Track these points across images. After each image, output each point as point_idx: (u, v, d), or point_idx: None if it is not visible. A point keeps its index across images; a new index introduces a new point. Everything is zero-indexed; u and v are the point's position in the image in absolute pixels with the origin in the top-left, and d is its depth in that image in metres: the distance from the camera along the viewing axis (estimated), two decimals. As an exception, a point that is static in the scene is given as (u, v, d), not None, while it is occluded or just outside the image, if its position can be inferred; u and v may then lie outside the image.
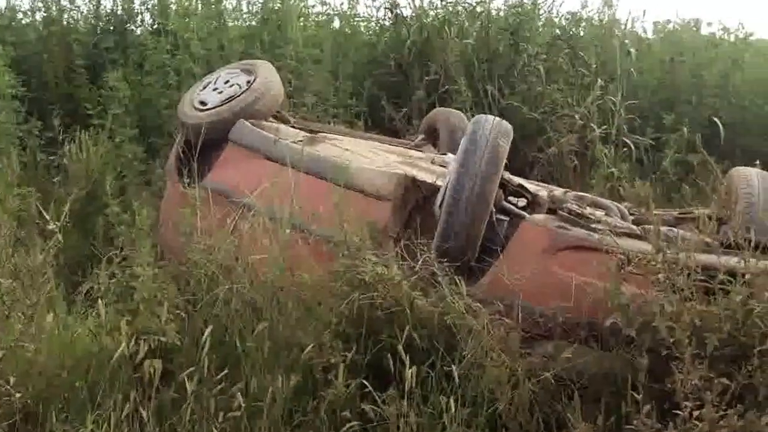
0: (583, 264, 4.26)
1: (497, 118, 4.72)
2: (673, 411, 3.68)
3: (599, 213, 4.99)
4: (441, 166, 5.95)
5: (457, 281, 4.26)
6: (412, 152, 6.44)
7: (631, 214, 5.27)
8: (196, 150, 5.41)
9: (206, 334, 4.11)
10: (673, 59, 9.25)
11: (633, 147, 8.23)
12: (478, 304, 4.20)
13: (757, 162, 7.77)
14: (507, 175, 4.81)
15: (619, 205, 5.31)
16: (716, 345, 3.70)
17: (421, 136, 7.02)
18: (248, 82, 6.21)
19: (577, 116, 8.27)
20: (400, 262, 4.40)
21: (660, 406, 3.75)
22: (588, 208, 5.00)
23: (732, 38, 9.81)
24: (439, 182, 5.00)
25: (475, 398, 4.06)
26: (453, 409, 3.91)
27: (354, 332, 4.29)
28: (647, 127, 8.54)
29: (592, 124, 8.27)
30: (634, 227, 4.74)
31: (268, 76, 6.29)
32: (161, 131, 7.77)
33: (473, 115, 7.93)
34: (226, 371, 4.11)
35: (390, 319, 4.27)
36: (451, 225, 4.50)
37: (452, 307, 4.20)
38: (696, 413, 3.45)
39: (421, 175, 5.17)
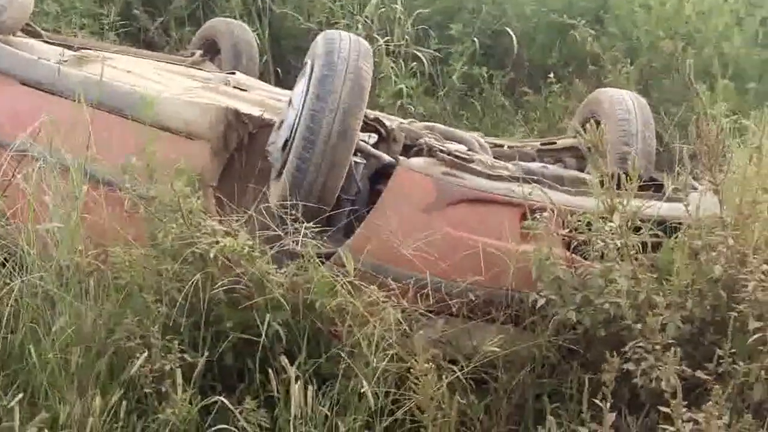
0: (482, 222, 3.42)
1: (354, 35, 3.74)
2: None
3: (462, 148, 4.13)
4: (239, 89, 4.89)
5: (341, 253, 3.27)
6: (200, 73, 5.28)
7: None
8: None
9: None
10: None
11: (424, 60, 7.40)
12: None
13: (551, 75, 7.33)
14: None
15: (475, 135, 4.47)
16: (678, 326, 2.97)
17: (198, 52, 5.88)
18: (-15, -13, 4.89)
19: (360, 26, 7.33)
20: (246, 226, 3.35)
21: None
22: (447, 143, 4.13)
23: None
24: (268, 115, 3.95)
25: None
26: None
27: (190, 324, 3.22)
28: (432, 39, 7.74)
29: (375, 35, 7.36)
30: (510, 166, 3.94)
31: (12, -20, 4.95)
32: None
33: (244, 25, 7.00)
34: (19, 395, 2.93)
35: (237, 303, 3.23)
36: (304, 172, 3.50)
37: (321, 284, 3.22)
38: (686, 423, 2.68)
39: (242, 107, 4.10)
